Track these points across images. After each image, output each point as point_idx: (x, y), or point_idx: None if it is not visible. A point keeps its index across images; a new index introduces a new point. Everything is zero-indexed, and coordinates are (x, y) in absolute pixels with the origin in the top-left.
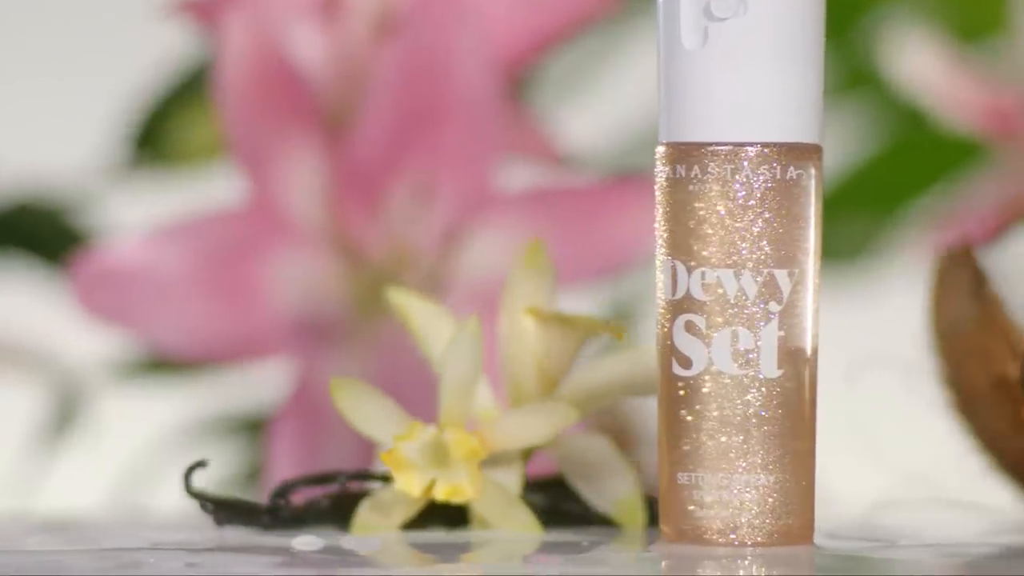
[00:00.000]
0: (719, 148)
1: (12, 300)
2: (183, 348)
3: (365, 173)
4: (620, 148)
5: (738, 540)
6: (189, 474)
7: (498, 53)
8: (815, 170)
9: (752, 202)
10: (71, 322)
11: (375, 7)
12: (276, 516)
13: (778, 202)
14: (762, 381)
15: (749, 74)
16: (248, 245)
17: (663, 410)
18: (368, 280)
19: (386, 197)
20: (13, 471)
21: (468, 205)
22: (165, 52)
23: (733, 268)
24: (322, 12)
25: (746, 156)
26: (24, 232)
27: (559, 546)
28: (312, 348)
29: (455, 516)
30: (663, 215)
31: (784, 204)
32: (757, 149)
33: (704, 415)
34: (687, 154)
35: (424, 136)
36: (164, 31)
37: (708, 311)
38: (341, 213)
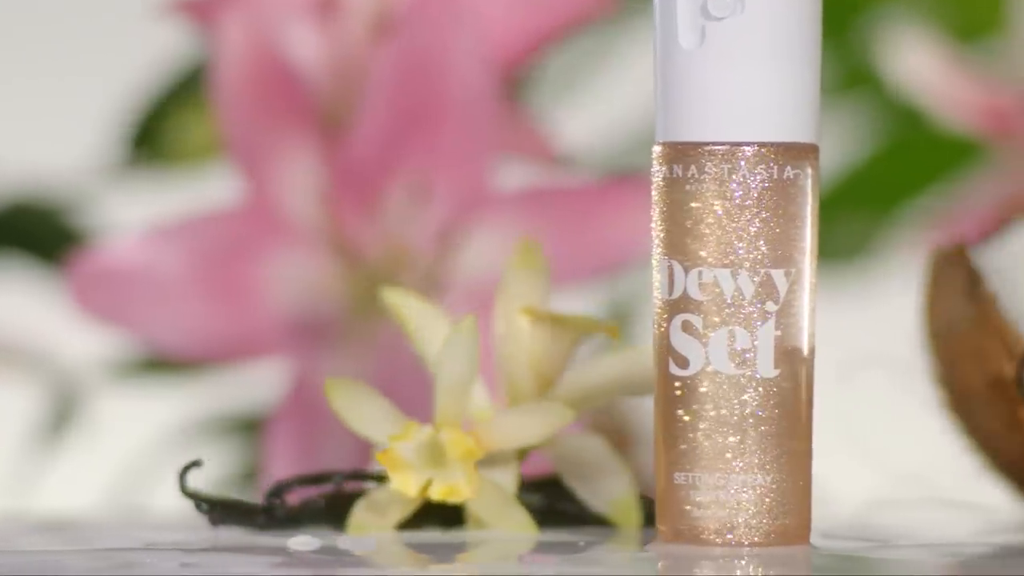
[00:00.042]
0: (716, 148)
1: (9, 300)
2: (180, 348)
3: (361, 173)
4: (617, 148)
5: (735, 540)
6: (184, 474)
7: (495, 53)
8: (812, 170)
9: (749, 202)
10: (68, 322)
11: (372, 7)
12: (271, 516)
13: (775, 202)
14: (759, 381)
15: (746, 73)
16: (245, 245)
17: (660, 410)
18: (365, 280)
19: (383, 197)
20: (10, 471)
21: (464, 205)
22: (162, 52)
23: (730, 268)
24: (319, 12)
25: (743, 156)
26: (21, 232)
27: (555, 546)
28: (309, 348)
29: (451, 516)
30: (660, 215)
31: (781, 204)
32: (754, 149)
33: (701, 415)
34: (684, 154)
35: (420, 136)
36: (161, 31)
37: (705, 311)
38: (337, 213)
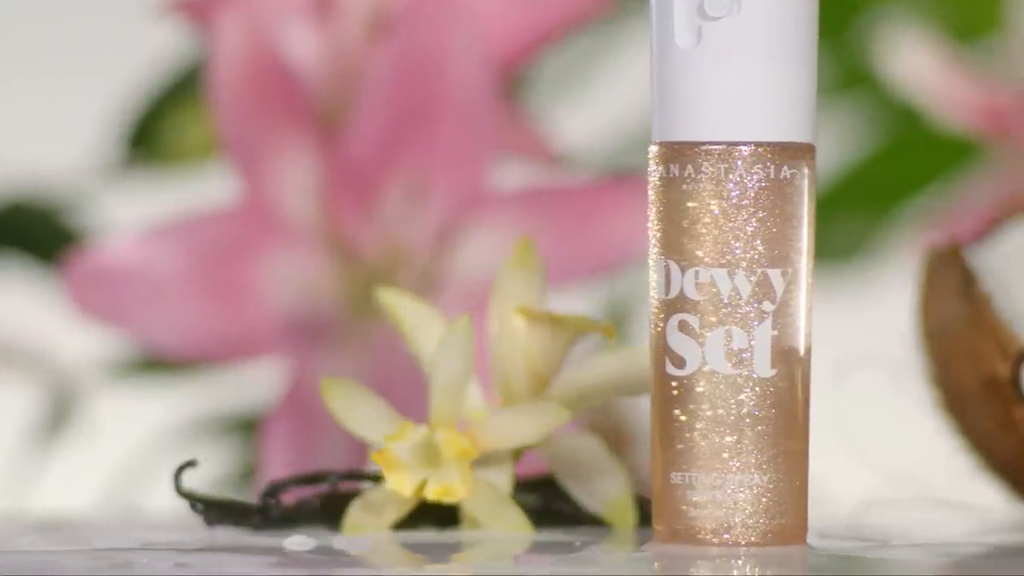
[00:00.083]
0: (712, 147)
1: (6, 299)
2: (177, 348)
3: (359, 172)
4: (614, 147)
5: (732, 540)
6: (179, 474)
7: (492, 52)
8: (808, 169)
9: (746, 201)
10: (65, 321)
11: (369, 6)
12: (267, 516)
13: (772, 201)
14: (756, 381)
15: (742, 73)
16: (242, 244)
17: (657, 410)
18: (362, 279)
19: (380, 196)
20: (7, 470)
21: (462, 204)
22: (159, 51)
23: (727, 267)
24: (316, 11)
25: (740, 155)
26: (18, 231)
27: (550, 546)
28: (306, 348)
29: (446, 516)
30: (656, 214)
31: (778, 203)
32: (751, 148)
33: (698, 415)
34: (680, 153)
35: (418, 135)
36: (158, 30)
37: (702, 311)
38: (335, 212)
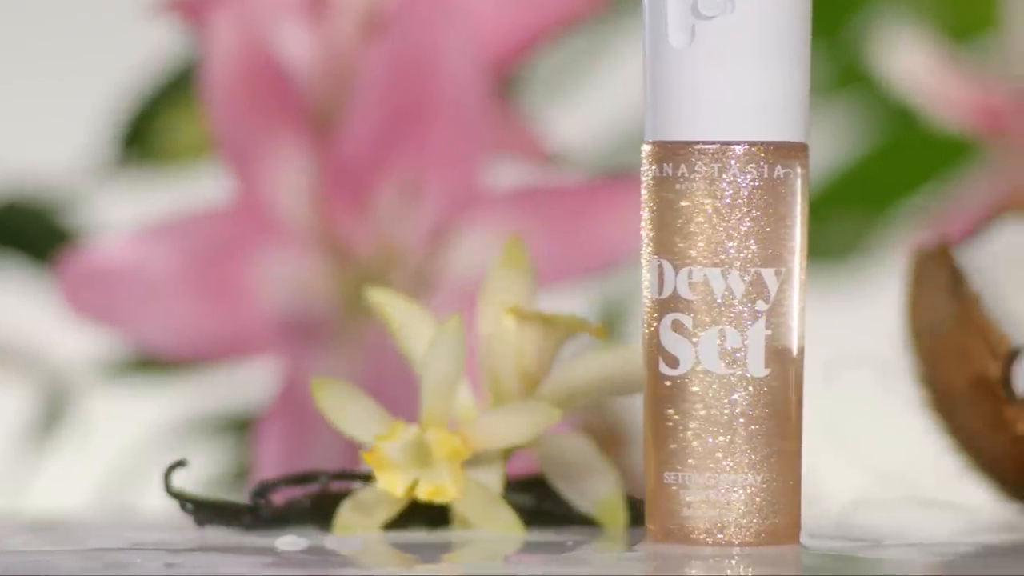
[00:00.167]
0: (706, 147)
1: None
2: (170, 347)
3: (353, 172)
4: (608, 147)
5: (725, 540)
6: (169, 474)
7: (486, 51)
8: (802, 169)
9: (739, 201)
10: (59, 321)
11: (362, 5)
12: (257, 516)
13: (765, 201)
14: (749, 380)
15: (736, 72)
16: (236, 244)
17: (649, 409)
18: (355, 279)
19: (374, 196)
20: (0, 471)
21: (456, 204)
22: (153, 51)
23: (720, 267)
24: (309, 10)
25: (733, 155)
26: (12, 231)
27: (541, 546)
28: (299, 347)
29: (437, 516)
30: (649, 214)
31: (771, 203)
32: (744, 148)
33: (691, 414)
34: (674, 152)
35: (412, 134)
36: (152, 30)
37: (695, 310)
38: (328, 212)
